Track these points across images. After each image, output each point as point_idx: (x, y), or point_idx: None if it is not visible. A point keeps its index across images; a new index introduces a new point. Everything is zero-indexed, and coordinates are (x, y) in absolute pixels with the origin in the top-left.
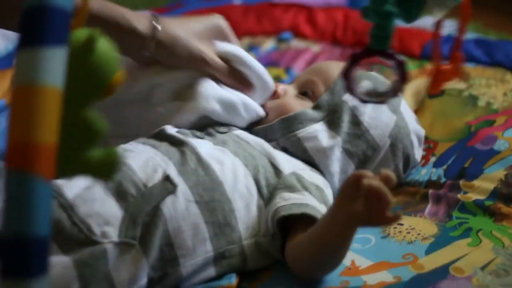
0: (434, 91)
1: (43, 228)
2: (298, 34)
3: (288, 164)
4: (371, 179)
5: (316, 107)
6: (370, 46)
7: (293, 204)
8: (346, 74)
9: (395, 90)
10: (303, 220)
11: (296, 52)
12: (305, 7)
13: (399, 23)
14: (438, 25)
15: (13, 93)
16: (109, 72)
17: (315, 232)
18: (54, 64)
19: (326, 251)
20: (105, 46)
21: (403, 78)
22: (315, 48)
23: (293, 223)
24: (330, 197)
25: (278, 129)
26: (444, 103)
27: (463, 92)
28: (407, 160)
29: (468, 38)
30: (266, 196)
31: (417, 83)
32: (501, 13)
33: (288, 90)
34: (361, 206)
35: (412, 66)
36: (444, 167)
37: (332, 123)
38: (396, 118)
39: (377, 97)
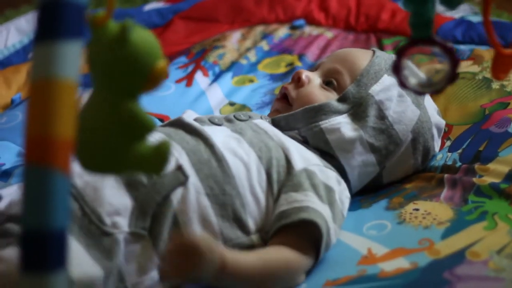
0: (498, 76)
1: (61, 221)
2: (311, 21)
3: (302, 159)
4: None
5: (341, 99)
6: (412, 35)
7: (293, 208)
8: (396, 69)
9: (449, 77)
10: (302, 223)
11: (309, 38)
12: None
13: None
14: (486, 9)
15: (30, 88)
16: (148, 62)
17: None
18: (70, 58)
19: None
20: (141, 35)
21: (454, 64)
22: (329, 34)
23: (290, 226)
24: (343, 194)
25: (301, 119)
26: (458, 87)
27: (477, 75)
28: (427, 153)
29: (481, 21)
30: (276, 191)
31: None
32: None
33: (313, 79)
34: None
35: None
36: (460, 151)
37: (357, 116)
38: (419, 113)
39: (430, 87)
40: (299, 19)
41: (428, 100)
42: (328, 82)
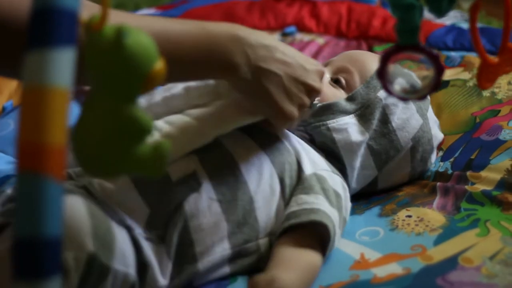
0: (484, 86)
1: (54, 228)
2: (303, 28)
3: (311, 163)
4: None
5: (349, 99)
6: (398, 41)
7: (304, 209)
8: (381, 74)
9: (433, 85)
10: (311, 224)
11: (301, 44)
12: (309, 1)
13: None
14: (473, 15)
15: (22, 95)
16: (145, 64)
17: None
18: (63, 65)
19: None
20: (137, 38)
21: (439, 71)
22: (320, 40)
23: (301, 227)
24: (347, 201)
25: (308, 117)
26: (449, 94)
27: (468, 82)
28: (425, 163)
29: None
30: (288, 196)
31: None
32: (503, 2)
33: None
34: None
35: None
36: (451, 159)
37: (363, 118)
38: (422, 122)
39: (414, 93)
40: (290, 26)
41: (430, 112)
42: (336, 80)
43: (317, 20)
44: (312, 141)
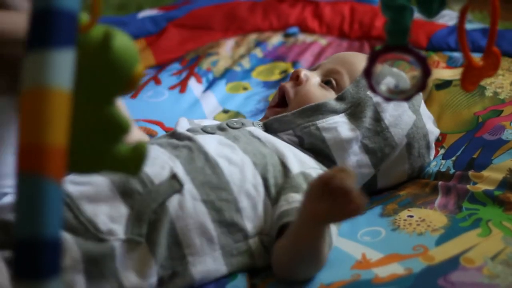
0: (467, 88)
1: (54, 229)
2: (305, 29)
3: (298, 162)
4: (339, 179)
5: (339, 99)
6: (387, 42)
7: (295, 208)
8: (367, 73)
9: (419, 86)
10: None
11: (303, 46)
12: (311, 1)
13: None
14: (462, 17)
15: (22, 96)
16: (129, 67)
17: (289, 234)
18: (63, 66)
19: (300, 252)
20: (123, 41)
21: (426, 73)
22: (323, 41)
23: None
24: None
25: (297, 118)
26: (452, 94)
27: None
28: (422, 160)
29: (474, 28)
30: (273, 195)
31: None
32: (506, 3)
33: (311, 77)
34: (326, 205)
35: None
36: (453, 158)
37: (354, 116)
38: (415, 118)
39: (400, 94)
40: (292, 27)
41: (423, 108)
42: (327, 82)
43: (319, 20)
44: (301, 144)
